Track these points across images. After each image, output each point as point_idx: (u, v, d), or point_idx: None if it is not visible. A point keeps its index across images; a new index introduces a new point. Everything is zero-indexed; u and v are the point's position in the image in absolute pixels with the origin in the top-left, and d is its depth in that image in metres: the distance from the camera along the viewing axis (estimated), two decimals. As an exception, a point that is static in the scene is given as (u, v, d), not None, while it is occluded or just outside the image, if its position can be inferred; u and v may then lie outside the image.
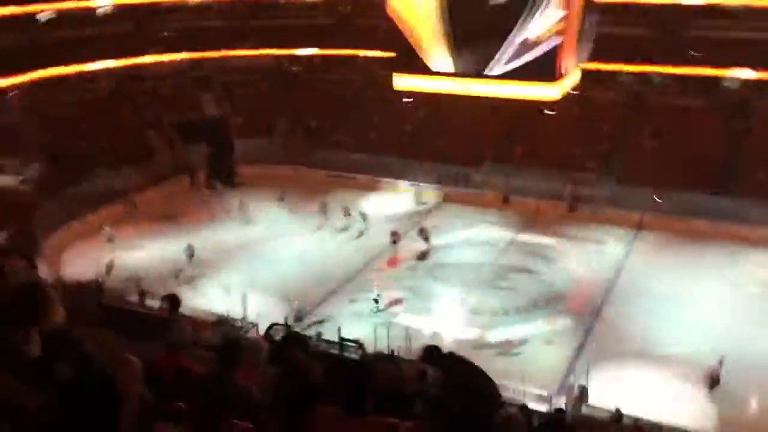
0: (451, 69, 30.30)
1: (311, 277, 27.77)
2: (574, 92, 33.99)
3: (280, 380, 4.10)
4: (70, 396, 2.64)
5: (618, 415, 17.38)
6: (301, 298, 25.23)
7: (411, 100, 38.33)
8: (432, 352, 6.16)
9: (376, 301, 25.52)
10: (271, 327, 12.89)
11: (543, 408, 17.94)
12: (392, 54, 33.75)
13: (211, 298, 24.72)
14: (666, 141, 36.71)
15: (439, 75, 27.77)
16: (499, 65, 28.41)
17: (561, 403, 19.11)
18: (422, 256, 30.24)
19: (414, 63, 30.62)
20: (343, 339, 17.84)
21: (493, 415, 4.96)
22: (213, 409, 4.14)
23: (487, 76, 27.16)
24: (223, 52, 45.01)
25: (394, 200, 36.40)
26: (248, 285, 25.47)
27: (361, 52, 44.45)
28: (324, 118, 43.31)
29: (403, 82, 29.17)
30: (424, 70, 30.63)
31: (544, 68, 26.59)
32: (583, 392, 19.28)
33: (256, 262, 29.33)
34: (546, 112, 36.75)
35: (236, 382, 4.78)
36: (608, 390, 19.24)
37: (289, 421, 3.88)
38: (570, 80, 29.00)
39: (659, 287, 26.81)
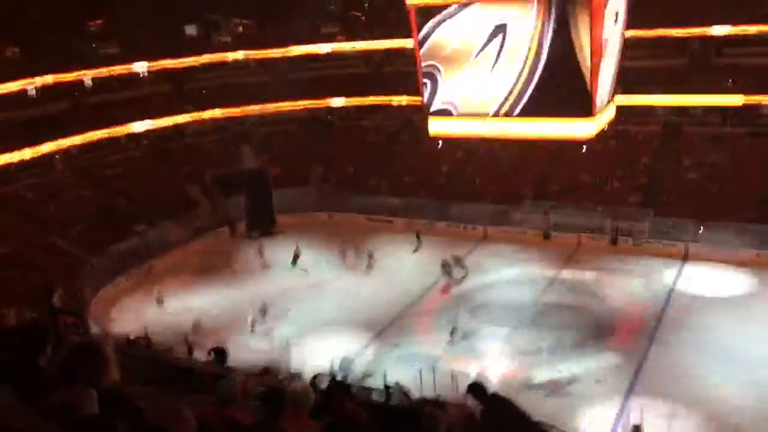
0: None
1: (357, 321, 27.79)
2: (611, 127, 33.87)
3: (327, 429, 4.13)
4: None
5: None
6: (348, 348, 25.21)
7: (441, 143, 38.65)
8: (476, 388, 6.12)
9: (452, 333, 25.90)
10: (316, 376, 12.92)
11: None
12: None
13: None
14: (706, 171, 36.22)
15: (473, 116, 27.91)
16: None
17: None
18: (460, 281, 30.88)
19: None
20: (388, 386, 17.70)
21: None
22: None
23: (521, 115, 27.21)
24: (260, 107, 46.10)
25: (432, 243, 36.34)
26: (296, 334, 25.62)
27: (395, 99, 45.11)
28: (359, 164, 43.83)
29: (437, 126, 29.38)
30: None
31: (580, 104, 26.60)
32: (638, 431, 18.75)
33: (305, 308, 29.43)
34: (584, 149, 36.74)
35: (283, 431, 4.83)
36: (662, 429, 18.68)
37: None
38: (606, 115, 28.91)
39: (707, 320, 26.15)
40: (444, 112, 28.68)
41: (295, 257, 33.69)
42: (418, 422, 4.28)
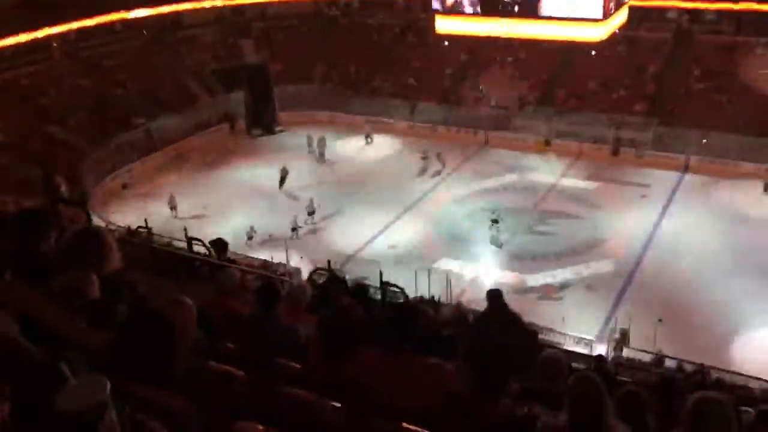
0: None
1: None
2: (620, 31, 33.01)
3: (324, 321, 4.24)
4: (129, 335, 2.80)
5: (660, 358, 17.41)
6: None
7: (446, 43, 37.70)
8: (493, 293, 6.28)
9: (496, 221, 26.57)
10: (314, 271, 13.19)
11: (584, 351, 18.06)
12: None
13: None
14: (716, 81, 35.57)
15: (482, 17, 27.10)
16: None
17: (603, 346, 19.25)
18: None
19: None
20: (385, 283, 18.07)
21: (535, 356, 5.09)
22: (260, 349, 4.32)
23: (531, 16, 26.42)
24: (263, -2, 44.78)
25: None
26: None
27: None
28: (362, 64, 42.99)
29: (445, 24, 28.56)
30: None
31: (591, 6, 25.77)
32: (625, 336, 19.33)
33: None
34: (592, 52, 35.99)
35: (280, 324, 4.97)
36: (650, 335, 19.23)
37: (333, 362, 4.03)
38: (617, 19, 28.06)
39: (701, 232, 26.43)
40: (452, 9, 27.80)
41: (282, 179, 31.58)
42: (413, 318, 4.39)
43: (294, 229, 27.17)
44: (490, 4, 25.87)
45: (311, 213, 28.34)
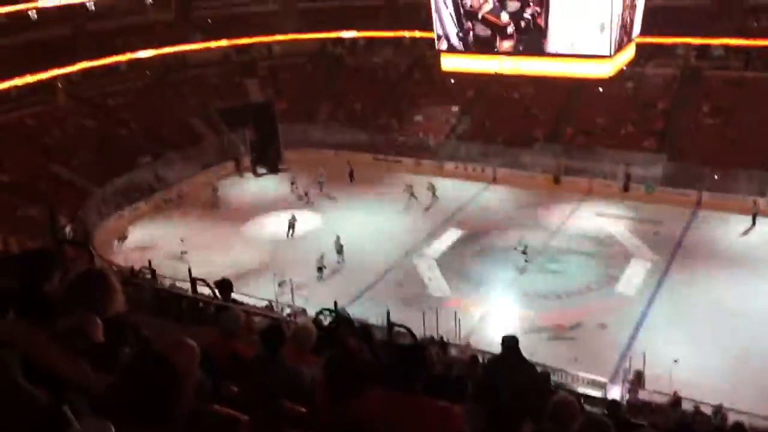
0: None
1: (361, 261, 28.07)
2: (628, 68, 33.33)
3: (330, 363, 4.23)
4: (133, 378, 2.81)
5: (677, 399, 17.17)
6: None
7: (453, 80, 38.16)
8: (510, 341, 6.26)
9: (524, 252, 27.11)
10: (320, 312, 13.15)
11: (598, 393, 17.85)
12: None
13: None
14: (725, 118, 35.77)
15: (488, 54, 27.43)
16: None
17: (617, 388, 19.00)
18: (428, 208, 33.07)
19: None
20: (392, 323, 18.01)
21: (546, 400, 5.04)
22: (265, 392, 4.30)
23: (537, 54, 26.73)
24: (268, 37, 45.46)
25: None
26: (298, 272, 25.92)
27: (408, 33, 44.40)
28: (368, 101, 43.47)
29: (451, 62, 28.94)
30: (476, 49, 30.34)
31: (598, 43, 26.05)
32: (640, 377, 19.09)
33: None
34: (599, 89, 36.33)
35: (285, 366, 4.95)
36: (665, 375, 18.99)
37: (339, 404, 4.01)
38: (624, 55, 28.37)
39: (717, 270, 26.29)
40: (456, 47, 28.18)
41: (291, 227, 30.86)
42: (421, 359, 4.37)
43: (320, 269, 27.05)
44: (493, 43, 26.13)
45: (339, 251, 28.18)
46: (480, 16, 25.49)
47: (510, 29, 25.84)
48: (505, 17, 25.43)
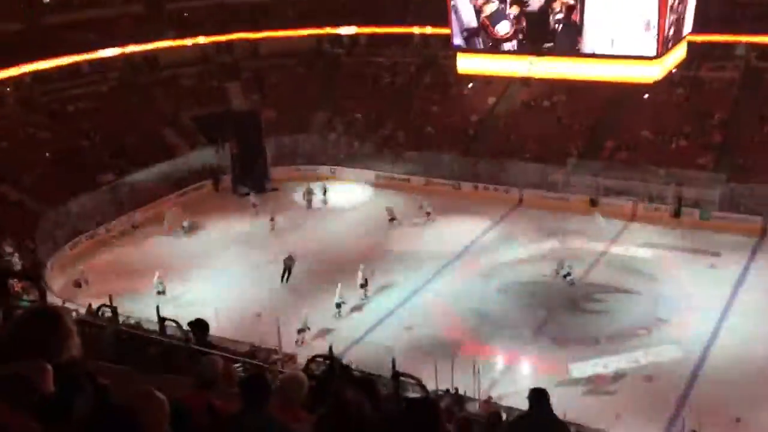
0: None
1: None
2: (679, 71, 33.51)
3: (323, 420, 4.21)
4: (89, 436, 2.80)
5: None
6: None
7: (471, 85, 38.44)
8: (539, 395, 6.20)
9: (568, 274, 28.16)
10: (312, 359, 13.09)
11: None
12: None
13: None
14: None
15: (514, 54, 27.61)
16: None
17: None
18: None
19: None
20: (399, 373, 17.92)
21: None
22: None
23: (573, 54, 26.90)
24: (253, 34, 45.84)
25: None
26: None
27: (417, 29, 44.74)
28: (371, 110, 43.71)
29: (468, 63, 29.14)
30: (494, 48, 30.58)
31: (642, 42, 26.20)
32: (694, 440, 18.94)
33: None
34: (645, 96, 36.49)
35: (271, 422, 4.93)
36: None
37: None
38: (674, 56, 28.56)
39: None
40: (475, 46, 28.37)
41: (287, 270, 29.75)
42: (433, 417, 4.35)
43: (339, 306, 27.00)
44: (525, 39, 26.30)
45: (363, 285, 28.17)
46: (481, 20, 25.83)
47: (511, 39, 26.16)
48: (505, 28, 25.80)
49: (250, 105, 43.30)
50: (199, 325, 8.50)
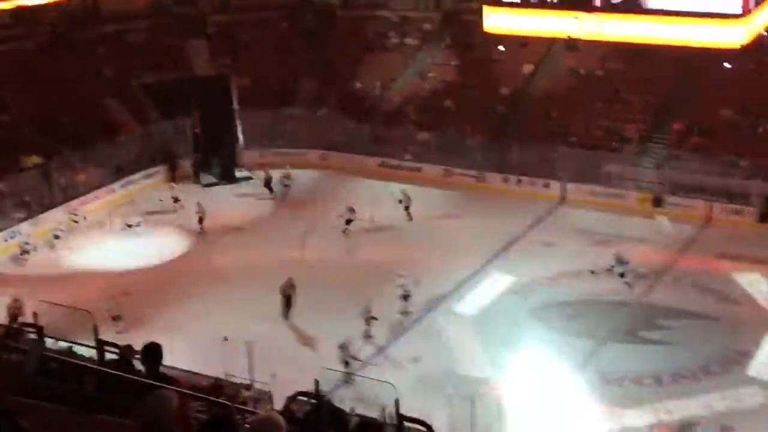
0: None
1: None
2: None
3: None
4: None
5: None
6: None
7: (502, 48, 38.42)
8: None
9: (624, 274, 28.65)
10: (293, 397, 13.10)
11: None
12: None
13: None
14: None
15: (558, 9, 27.59)
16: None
17: None
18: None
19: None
20: (402, 417, 17.94)
21: None
22: None
23: (634, 11, 26.89)
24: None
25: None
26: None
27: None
28: (372, 76, 43.71)
29: (498, 20, 29.17)
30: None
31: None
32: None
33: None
34: (726, 65, 36.42)
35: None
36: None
37: None
38: (763, 15, 28.61)
39: None
40: None
41: (287, 300, 28.95)
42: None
43: (369, 319, 27.10)
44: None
45: (406, 296, 28.25)
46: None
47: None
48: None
49: (218, 70, 43.24)
50: (150, 352, 8.46)
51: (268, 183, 37.77)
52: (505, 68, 41.69)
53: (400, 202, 34.91)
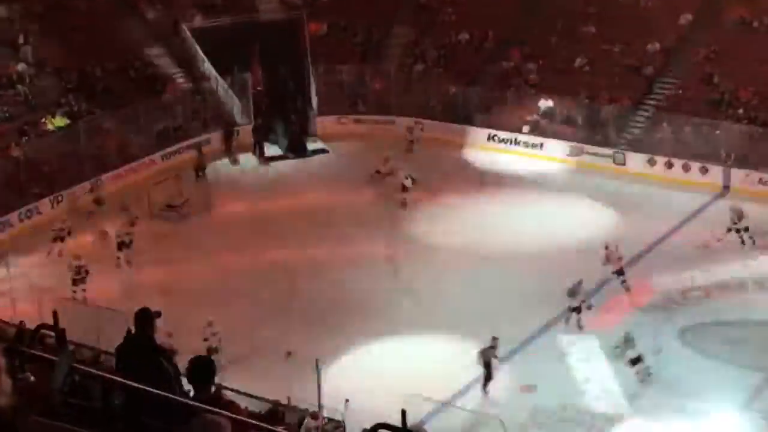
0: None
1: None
2: None
3: None
4: None
5: None
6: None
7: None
8: None
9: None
10: (374, 430, 13.10)
11: None
12: None
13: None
14: None
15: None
16: None
17: None
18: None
19: None
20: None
21: None
22: None
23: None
24: None
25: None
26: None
27: None
28: (485, 26, 43.71)
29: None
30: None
31: None
32: None
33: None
34: None
35: None
36: None
37: None
38: None
39: None
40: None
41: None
42: None
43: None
44: None
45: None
46: None
47: None
48: None
49: (288, 13, 43.48)
50: (202, 366, 8.54)
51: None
52: (655, 17, 41.20)
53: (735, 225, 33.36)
